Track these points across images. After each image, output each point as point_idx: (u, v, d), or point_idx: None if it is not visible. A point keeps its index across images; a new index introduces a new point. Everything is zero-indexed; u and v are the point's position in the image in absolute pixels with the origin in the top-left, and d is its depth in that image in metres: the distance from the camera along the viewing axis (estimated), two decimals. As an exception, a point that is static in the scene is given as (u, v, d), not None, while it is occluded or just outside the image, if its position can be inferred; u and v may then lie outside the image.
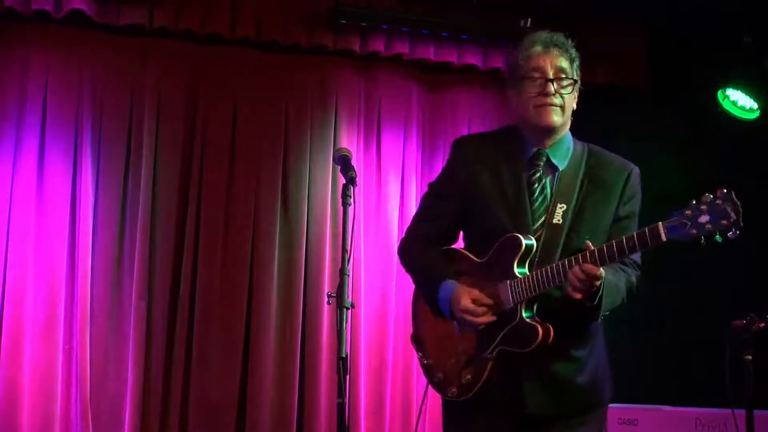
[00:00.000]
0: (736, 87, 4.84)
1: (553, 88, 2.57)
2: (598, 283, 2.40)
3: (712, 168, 4.91)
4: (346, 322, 2.46)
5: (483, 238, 2.64)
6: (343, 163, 2.67)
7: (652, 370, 5.00)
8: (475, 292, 2.58)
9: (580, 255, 2.41)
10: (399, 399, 5.15)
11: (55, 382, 4.67)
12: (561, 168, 2.64)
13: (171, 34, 4.96)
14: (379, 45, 5.13)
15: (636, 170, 2.68)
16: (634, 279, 2.65)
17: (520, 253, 2.54)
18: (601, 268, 2.38)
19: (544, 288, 2.48)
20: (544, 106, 2.58)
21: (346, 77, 5.31)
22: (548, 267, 2.48)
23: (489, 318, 2.56)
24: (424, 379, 5.04)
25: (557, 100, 2.59)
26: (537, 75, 2.59)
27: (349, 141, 5.25)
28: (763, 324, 3.22)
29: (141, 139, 4.93)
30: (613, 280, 2.52)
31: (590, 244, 2.42)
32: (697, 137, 4.96)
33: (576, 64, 2.64)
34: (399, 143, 5.35)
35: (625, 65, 5.30)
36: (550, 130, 2.62)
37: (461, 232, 2.81)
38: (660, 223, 2.30)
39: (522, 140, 2.68)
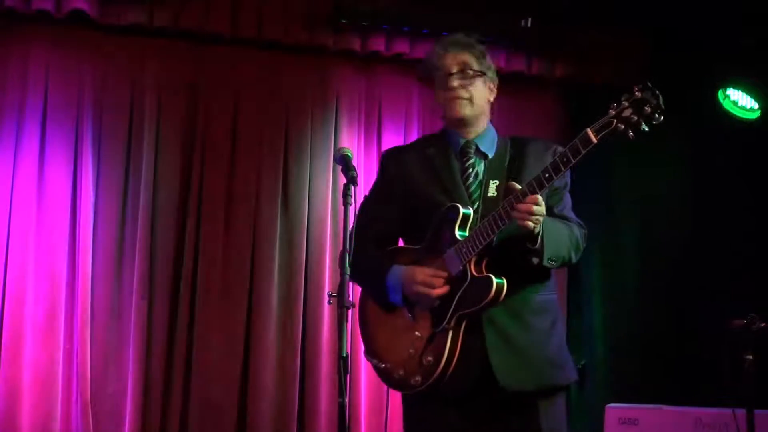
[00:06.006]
0: (736, 87, 4.83)
1: (456, 83, 2.69)
2: (541, 209, 2.43)
3: (713, 168, 4.91)
4: (347, 322, 2.46)
5: (423, 228, 2.67)
6: (345, 162, 2.67)
7: (652, 370, 5.00)
8: (426, 269, 2.60)
9: (518, 188, 2.45)
10: (400, 398, 5.13)
11: (55, 381, 4.67)
12: (490, 155, 2.73)
13: (171, 34, 4.96)
14: (379, 45, 5.14)
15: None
16: (577, 232, 2.68)
17: (458, 220, 2.58)
18: (539, 196, 2.43)
19: (488, 236, 2.49)
20: (452, 100, 2.72)
21: (346, 77, 5.32)
22: (488, 216, 2.51)
23: (444, 288, 2.56)
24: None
25: (464, 93, 2.71)
26: (441, 72, 2.73)
27: (350, 140, 5.26)
28: (764, 324, 3.22)
29: (141, 138, 4.94)
30: (551, 222, 2.57)
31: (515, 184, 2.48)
32: (698, 137, 4.95)
33: (485, 58, 2.76)
34: (399, 143, 5.35)
35: (625, 66, 5.30)
36: (462, 121, 2.73)
37: (400, 239, 2.83)
38: (587, 128, 2.37)
39: (449, 136, 2.79)
